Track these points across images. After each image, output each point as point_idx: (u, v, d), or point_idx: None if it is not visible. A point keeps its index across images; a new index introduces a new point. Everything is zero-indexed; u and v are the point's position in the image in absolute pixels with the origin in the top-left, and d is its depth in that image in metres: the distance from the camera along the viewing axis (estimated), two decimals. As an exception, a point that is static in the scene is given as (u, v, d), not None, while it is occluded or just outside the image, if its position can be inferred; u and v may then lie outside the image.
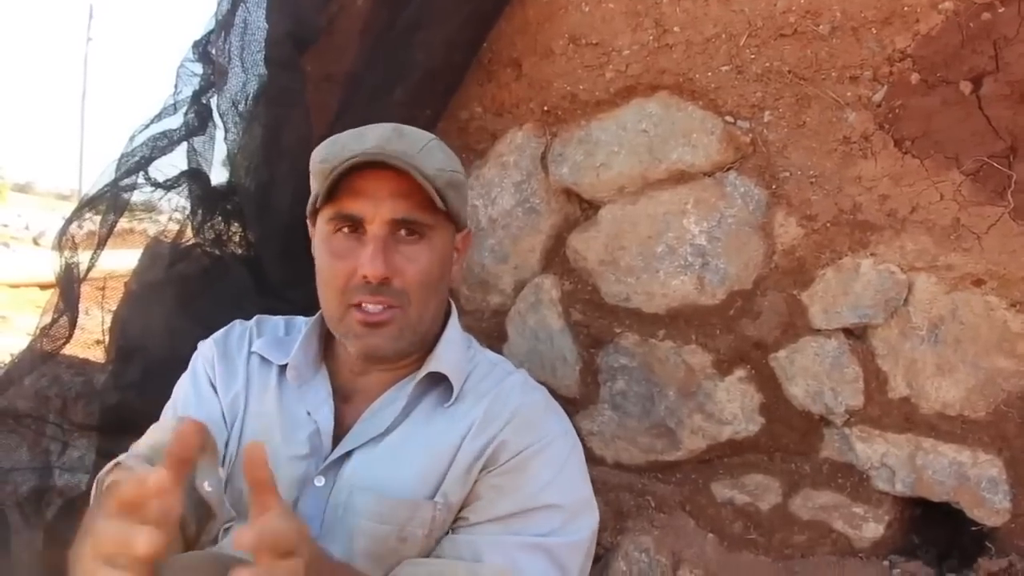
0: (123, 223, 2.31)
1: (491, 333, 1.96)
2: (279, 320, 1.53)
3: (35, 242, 13.63)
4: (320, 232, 1.30)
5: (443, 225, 1.31)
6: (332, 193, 1.23)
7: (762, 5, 1.63)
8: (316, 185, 1.27)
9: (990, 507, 1.51)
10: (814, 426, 1.66)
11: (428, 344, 1.37)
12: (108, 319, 2.31)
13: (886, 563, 1.59)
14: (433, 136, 1.33)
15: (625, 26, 1.76)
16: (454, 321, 1.43)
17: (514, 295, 1.95)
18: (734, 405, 1.71)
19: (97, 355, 2.68)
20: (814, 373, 1.63)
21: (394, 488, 1.25)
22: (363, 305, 1.25)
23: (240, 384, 1.40)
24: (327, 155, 1.26)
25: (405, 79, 1.89)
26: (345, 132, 1.31)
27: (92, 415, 2.22)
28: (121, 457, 1.24)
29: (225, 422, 1.37)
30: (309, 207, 1.33)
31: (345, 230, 1.27)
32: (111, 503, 0.84)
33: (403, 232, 1.26)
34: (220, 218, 2.20)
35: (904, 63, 1.53)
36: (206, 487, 1.22)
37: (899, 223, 1.55)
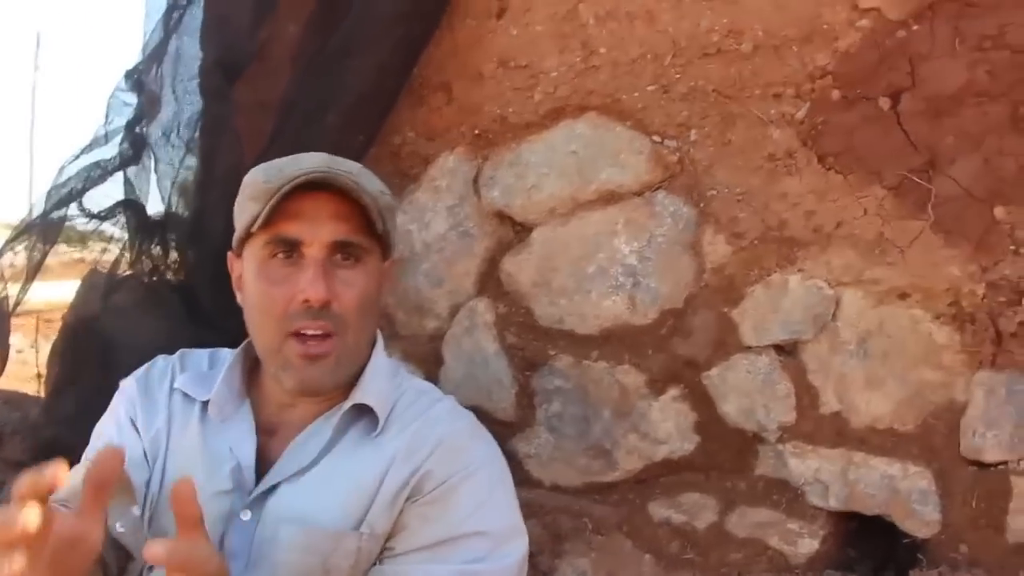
0: (74, 253, 2.29)
1: (428, 358, 1.95)
2: (203, 353, 1.51)
3: (-16, 273, 13.40)
4: (254, 259, 1.29)
5: (375, 250, 1.31)
6: (269, 216, 1.22)
7: (686, 25, 1.64)
8: (254, 207, 1.24)
9: (920, 519, 1.52)
10: (748, 443, 1.66)
11: (355, 373, 1.36)
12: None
13: (822, 578, 1.59)
14: (361, 165, 1.34)
15: (552, 48, 1.76)
16: (379, 349, 1.41)
17: (450, 319, 1.93)
18: (668, 424, 1.70)
19: (37, 389, 2.64)
20: (746, 390, 1.63)
21: (319, 520, 1.23)
22: (302, 332, 1.24)
23: (161, 421, 1.38)
24: (269, 176, 1.24)
25: (337, 104, 1.88)
26: (277, 159, 1.30)
27: (28, 451, 2.18)
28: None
29: (147, 461, 1.35)
30: (241, 232, 1.30)
31: (281, 255, 1.25)
32: None
33: (339, 256, 1.25)
34: (156, 248, 2.18)
35: (825, 80, 1.55)
36: (118, 527, 1.20)
37: (825, 238, 1.56)
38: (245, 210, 1.28)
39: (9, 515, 0.83)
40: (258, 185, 1.25)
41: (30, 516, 0.83)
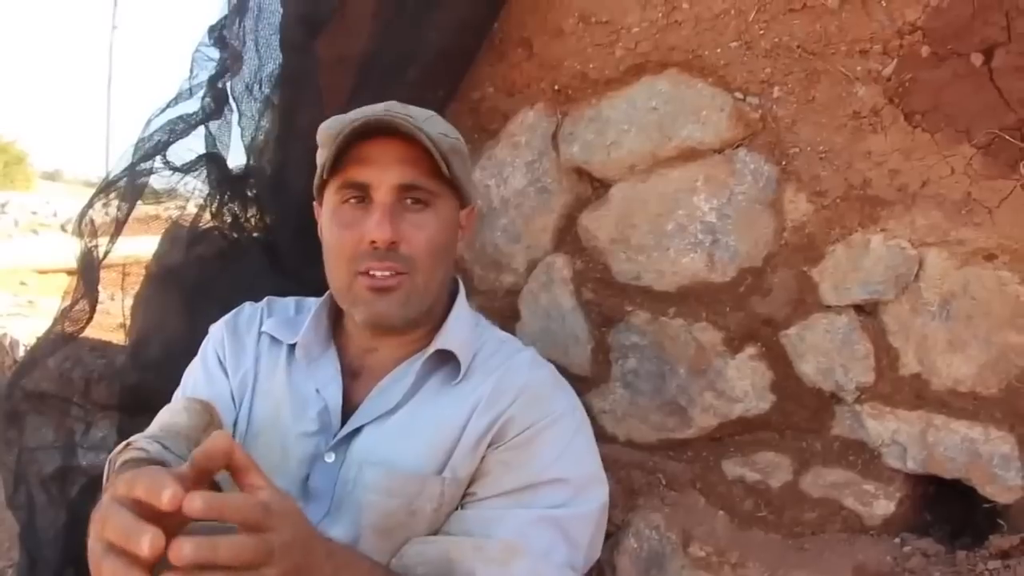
0: (149, 210, 2.34)
1: (504, 312, 1.96)
2: (289, 301, 1.55)
3: (63, 229, 13.75)
4: (328, 205, 1.34)
5: (448, 195, 1.34)
6: (338, 163, 1.26)
7: (771, -21, 1.62)
8: (323, 155, 1.30)
9: (1002, 484, 1.50)
10: (825, 403, 1.65)
11: (436, 321, 1.39)
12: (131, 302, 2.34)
13: (897, 540, 1.58)
14: (434, 112, 1.37)
15: (634, 3, 1.75)
16: (462, 299, 1.44)
17: (526, 274, 1.95)
18: (745, 383, 1.70)
19: (120, 338, 2.72)
20: (824, 350, 1.62)
21: (403, 463, 1.27)
22: (370, 271, 1.28)
23: (249, 363, 1.43)
24: (332, 124, 1.30)
25: (417, 60, 1.89)
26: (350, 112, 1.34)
27: (114, 396, 2.25)
28: (132, 438, 1.26)
29: (234, 402, 1.40)
30: (317, 180, 1.36)
31: (352, 200, 1.30)
32: (124, 491, 0.82)
33: (409, 200, 1.29)
34: (237, 201, 2.22)
35: (914, 36, 1.51)
36: None
37: (909, 198, 1.53)
38: (319, 158, 1.34)
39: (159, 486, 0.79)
40: (323, 133, 1.31)
41: (157, 540, 0.77)
